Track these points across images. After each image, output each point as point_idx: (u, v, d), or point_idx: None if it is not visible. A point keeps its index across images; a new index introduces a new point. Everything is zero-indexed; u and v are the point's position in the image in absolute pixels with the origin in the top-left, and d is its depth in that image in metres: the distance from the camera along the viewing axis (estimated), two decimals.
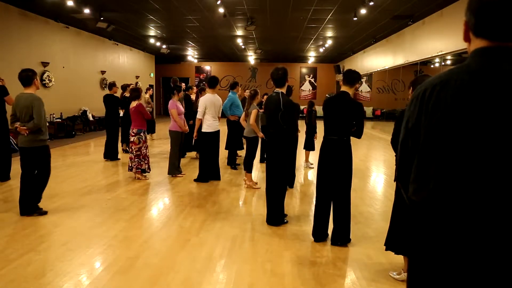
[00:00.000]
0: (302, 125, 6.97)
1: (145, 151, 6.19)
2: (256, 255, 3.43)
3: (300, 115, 6.95)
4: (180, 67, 22.68)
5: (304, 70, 22.99)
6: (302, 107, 15.77)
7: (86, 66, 13.80)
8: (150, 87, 12.97)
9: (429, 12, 9.84)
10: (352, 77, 3.61)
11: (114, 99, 8.17)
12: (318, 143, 7.15)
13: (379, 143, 12.03)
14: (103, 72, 14.97)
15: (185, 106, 7.85)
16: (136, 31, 13.48)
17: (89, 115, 13.46)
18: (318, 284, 2.93)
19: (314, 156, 7.92)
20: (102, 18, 10.89)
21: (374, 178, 7.08)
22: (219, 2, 8.95)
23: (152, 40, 15.27)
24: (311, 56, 19.94)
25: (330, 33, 13.19)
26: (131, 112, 6.19)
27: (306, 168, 7.58)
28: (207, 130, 6.04)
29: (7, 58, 9.75)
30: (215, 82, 6.28)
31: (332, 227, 3.72)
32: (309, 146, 7.39)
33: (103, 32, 13.36)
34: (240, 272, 3.10)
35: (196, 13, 10.43)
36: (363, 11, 9.54)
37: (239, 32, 13.14)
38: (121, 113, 8.47)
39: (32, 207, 4.44)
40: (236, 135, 7.24)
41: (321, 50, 16.88)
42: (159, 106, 21.55)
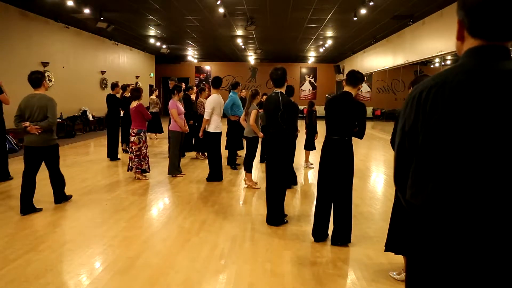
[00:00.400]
0: (301, 125, 6.98)
1: (145, 151, 6.19)
2: (256, 255, 3.43)
3: (299, 115, 6.96)
4: (180, 67, 22.68)
5: (304, 70, 22.99)
6: (301, 107, 15.81)
7: (86, 66, 13.80)
8: (150, 87, 12.98)
9: (429, 12, 9.85)
10: (355, 77, 3.60)
11: (115, 99, 8.25)
12: (319, 143, 7.20)
13: (379, 143, 12.03)
14: (103, 72, 14.97)
15: (185, 106, 7.85)
16: (136, 31, 13.48)
17: (89, 115, 13.46)
18: (318, 284, 2.93)
19: (314, 156, 7.94)
20: (102, 18, 10.89)
21: (374, 178, 7.08)
22: (219, 2, 8.95)
23: (152, 40, 15.27)
24: (311, 56, 19.94)
25: (330, 33, 13.19)
26: (131, 112, 6.19)
27: (306, 168, 7.58)
28: (215, 131, 6.12)
29: (7, 58, 9.76)
30: (219, 82, 6.36)
31: (332, 227, 3.72)
32: (309, 146, 7.40)
33: (103, 32, 13.36)
34: (240, 272, 3.10)
35: (196, 13, 10.43)
36: (363, 11, 9.54)
37: (239, 32, 13.14)
38: (121, 113, 8.48)
39: (32, 206, 4.49)
40: (236, 135, 7.24)
41: (321, 50, 16.88)
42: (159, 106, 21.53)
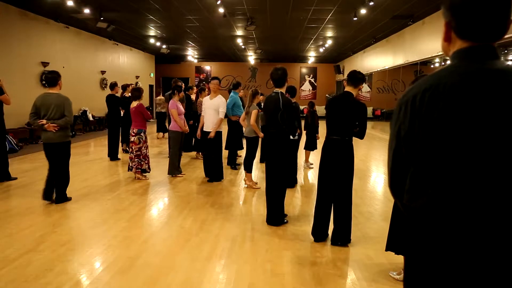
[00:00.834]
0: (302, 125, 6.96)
1: (145, 151, 6.19)
2: (256, 255, 3.43)
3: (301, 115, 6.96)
4: (180, 67, 22.67)
5: (304, 70, 22.99)
6: (302, 107, 15.80)
7: (86, 66, 13.80)
8: (151, 87, 12.99)
9: (429, 12, 9.85)
10: (356, 78, 3.60)
11: (115, 99, 8.27)
12: (320, 143, 7.20)
13: (379, 143, 12.03)
14: (103, 72, 14.97)
15: (185, 106, 7.86)
16: (136, 31, 13.48)
17: (89, 115, 13.46)
18: (318, 284, 2.92)
19: (314, 156, 7.93)
20: (102, 18, 10.88)
21: (374, 178, 7.08)
22: (219, 2, 8.95)
23: (152, 40, 15.27)
24: (311, 56, 19.94)
25: (330, 33, 13.19)
26: (132, 112, 6.19)
27: (306, 168, 7.58)
28: (220, 129, 6.24)
29: (7, 58, 9.76)
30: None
31: (332, 227, 3.72)
32: (309, 146, 7.39)
33: (103, 32, 13.36)
34: (240, 272, 3.10)
35: (196, 13, 10.43)
36: (363, 11, 9.54)
37: (239, 32, 13.14)
38: (121, 113, 8.49)
39: (51, 195, 4.83)
40: (236, 135, 7.24)
41: (321, 50, 16.88)
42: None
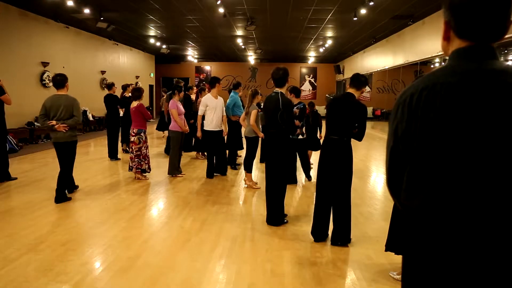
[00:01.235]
0: None
1: (145, 151, 6.19)
2: (256, 255, 3.43)
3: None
4: (180, 67, 22.67)
5: (304, 70, 22.98)
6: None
7: (86, 66, 13.80)
8: (151, 87, 12.97)
9: (429, 12, 9.84)
10: (359, 81, 3.60)
11: (113, 98, 8.28)
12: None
13: (379, 143, 12.03)
14: (103, 72, 14.97)
15: (185, 106, 7.87)
16: (136, 31, 13.48)
17: (89, 115, 13.46)
18: (318, 284, 2.92)
19: (315, 156, 7.92)
20: (102, 18, 10.89)
21: (374, 178, 7.08)
22: (219, 2, 8.95)
23: (152, 40, 15.27)
24: (311, 56, 19.93)
25: (330, 33, 13.19)
26: (132, 112, 6.19)
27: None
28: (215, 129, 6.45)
29: (7, 58, 9.76)
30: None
31: (332, 227, 3.72)
32: (311, 146, 7.34)
33: (103, 32, 13.36)
34: (240, 272, 3.10)
35: (196, 13, 10.43)
36: (363, 11, 9.54)
37: (239, 32, 13.14)
38: (121, 113, 8.49)
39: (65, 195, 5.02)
40: (236, 135, 7.24)
41: (321, 50, 16.88)
42: (159, 106, 21.54)
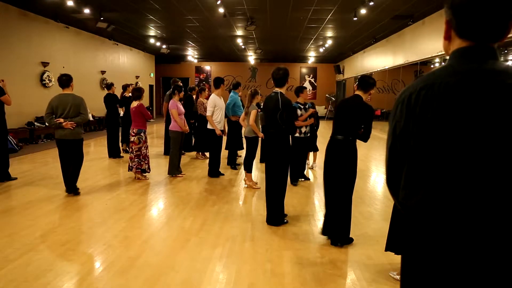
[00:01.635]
0: None
1: (145, 151, 6.19)
2: (256, 255, 3.43)
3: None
4: (180, 67, 22.67)
5: (304, 70, 22.97)
6: None
7: (86, 66, 13.79)
8: (151, 87, 12.94)
9: (429, 12, 9.84)
10: (367, 83, 3.59)
11: (113, 97, 8.33)
12: (320, 143, 7.19)
13: (379, 143, 12.02)
14: (103, 72, 14.96)
15: (187, 106, 7.92)
16: (136, 31, 13.47)
17: (89, 115, 13.46)
18: (318, 284, 2.92)
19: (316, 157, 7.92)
20: (102, 18, 10.88)
21: (374, 178, 7.08)
22: (219, 2, 8.95)
23: (152, 40, 15.26)
24: (311, 56, 19.93)
25: (330, 33, 13.18)
26: (132, 112, 6.19)
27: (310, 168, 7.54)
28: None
29: (7, 58, 9.76)
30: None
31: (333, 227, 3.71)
32: (313, 147, 7.32)
33: (103, 32, 13.36)
34: (240, 272, 3.10)
35: (196, 13, 10.43)
36: (363, 11, 9.54)
37: (239, 32, 13.14)
38: (121, 112, 8.50)
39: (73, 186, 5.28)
40: (236, 135, 7.24)
41: (321, 50, 16.88)
42: (159, 106, 21.56)
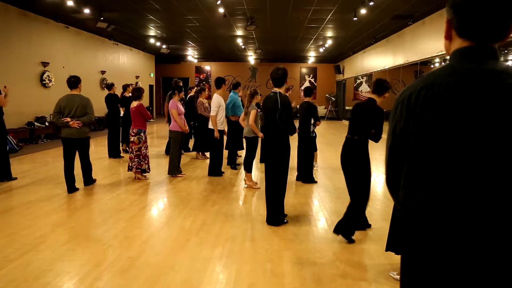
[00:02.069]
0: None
1: (145, 151, 6.19)
2: (256, 255, 3.43)
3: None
4: (180, 67, 22.66)
5: (304, 70, 22.97)
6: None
7: (86, 66, 13.79)
8: (151, 87, 12.96)
9: (429, 12, 9.84)
10: (382, 86, 3.73)
11: (114, 97, 8.35)
12: (320, 143, 7.18)
13: (379, 143, 11.99)
14: (103, 72, 14.96)
15: (189, 108, 7.93)
16: (136, 31, 13.47)
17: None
18: (318, 284, 2.92)
19: (319, 157, 7.90)
20: (102, 18, 10.88)
21: (374, 178, 7.06)
22: (219, 2, 8.94)
23: (152, 40, 15.26)
24: (311, 56, 19.93)
25: (330, 33, 13.18)
26: (132, 112, 6.19)
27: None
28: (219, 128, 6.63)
29: (7, 58, 9.76)
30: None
31: (340, 218, 3.76)
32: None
33: (103, 32, 13.36)
34: (240, 272, 3.10)
35: (196, 13, 10.43)
36: (363, 11, 9.54)
37: (239, 32, 13.14)
38: (121, 112, 8.51)
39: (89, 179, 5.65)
40: (236, 135, 7.24)
41: (321, 50, 16.88)
42: (159, 106, 21.56)
